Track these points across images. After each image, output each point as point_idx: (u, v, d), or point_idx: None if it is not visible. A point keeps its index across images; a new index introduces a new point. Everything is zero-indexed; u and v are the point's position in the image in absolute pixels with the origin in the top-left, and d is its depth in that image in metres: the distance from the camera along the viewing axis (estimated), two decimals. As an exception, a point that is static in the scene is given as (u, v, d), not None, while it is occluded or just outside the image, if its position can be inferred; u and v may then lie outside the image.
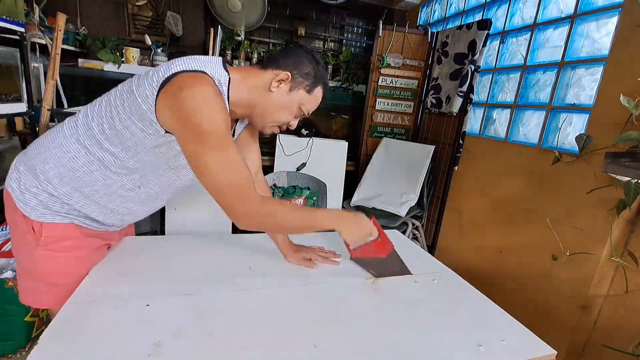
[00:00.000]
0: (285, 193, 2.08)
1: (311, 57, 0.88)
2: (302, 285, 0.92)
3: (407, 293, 0.93)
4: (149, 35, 2.61)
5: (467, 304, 0.91)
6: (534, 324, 1.62)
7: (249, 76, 0.85)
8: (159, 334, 0.67)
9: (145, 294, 0.80)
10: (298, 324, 0.75)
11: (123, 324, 0.70)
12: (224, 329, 0.71)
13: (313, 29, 3.11)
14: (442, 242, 2.39)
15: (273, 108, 0.87)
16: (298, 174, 2.30)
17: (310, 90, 0.88)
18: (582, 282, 1.41)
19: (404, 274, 1.01)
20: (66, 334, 0.65)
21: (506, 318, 0.86)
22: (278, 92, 0.85)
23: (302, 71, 0.86)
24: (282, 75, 0.84)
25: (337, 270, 1.02)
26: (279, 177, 2.24)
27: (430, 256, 1.20)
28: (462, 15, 2.40)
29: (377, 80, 2.64)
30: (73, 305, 0.74)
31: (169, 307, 0.76)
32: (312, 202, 2.08)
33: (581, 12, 1.54)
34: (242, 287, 0.87)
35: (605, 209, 1.32)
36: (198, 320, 0.73)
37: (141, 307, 0.75)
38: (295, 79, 0.86)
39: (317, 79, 0.88)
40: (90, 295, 0.78)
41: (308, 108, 0.91)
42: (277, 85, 0.84)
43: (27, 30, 1.81)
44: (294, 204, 0.78)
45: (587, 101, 1.52)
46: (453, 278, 1.04)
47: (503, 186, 1.88)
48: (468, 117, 2.13)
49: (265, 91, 0.85)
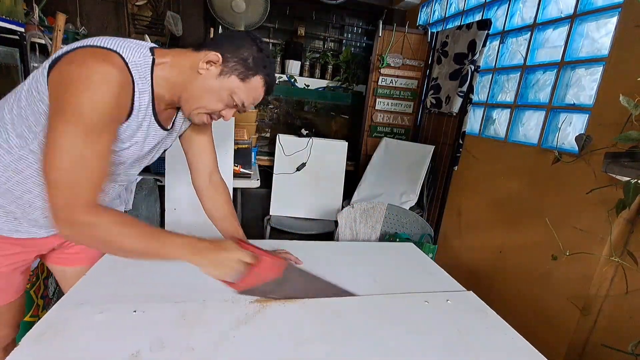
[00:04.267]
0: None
1: (254, 43, 0.78)
2: (298, 300, 0.84)
3: (416, 315, 0.82)
4: (148, 35, 2.61)
5: (485, 331, 0.79)
6: (533, 324, 1.63)
7: (179, 57, 0.77)
8: (139, 343, 0.65)
9: (134, 298, 0.78)
10: (288, 343, 0.70)
11: (105, 329, 0.67)
12: (207, 344, 0.67)
13: (313, 29, 3.11)
14: (442, 242, 2.38)
15: (199, 92, 0.78)
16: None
17: (244, 78, 0.78)
18: (581, 282, 1.41)
19: (337, 294, 0.87)
20: (48, 336, 0.64)
21: (529, 349, 0.74)
22: (206, 75, 0.76)
23: (237, 55, 0.76)
24: (211, 55, 0.74)
25: (335, 281, 0.91)
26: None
27: (445, 273, 1.09)
28: (462, 15, 2.40)
29: (377, 80, 2.64)
30: (60, 307, 0.73)
31: (155, 315, 0.73)
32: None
33: (581, 12, 1.53)
34: (233, 299, 0.82)
35: (605, 209, 1.32)
36: (182, 331, 0.70)
37: (127, 312, 0.73)
38: (227, 62, 0.76)
39: (256, 68, 0.78)
40: (79, 298, 0.76)
41: (242, 99, 0.80)
42: (206, 67, 0.75)
43: (27, 30, 1.81)
44: (144, 223, 0.69)
45: (587, 101, 1.51)
46: (470, 300, 0.92)
47: (503, 186, 1.87)
48: (468, 117, 2.12)
49: (193, 73, 0.76)
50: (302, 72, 3.00)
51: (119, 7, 2.67)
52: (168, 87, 0.77)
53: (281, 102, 2.98)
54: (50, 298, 1.55)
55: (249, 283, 0.78)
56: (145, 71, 0.72)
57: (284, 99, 2.97)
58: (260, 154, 2.63)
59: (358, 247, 1.35)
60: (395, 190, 2.33)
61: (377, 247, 1.33)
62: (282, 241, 1.20)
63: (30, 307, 1.42)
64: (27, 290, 1.41)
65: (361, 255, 1.19)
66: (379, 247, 1.33)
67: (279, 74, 2.94)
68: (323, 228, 2.43)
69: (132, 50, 0.70)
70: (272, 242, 1.19)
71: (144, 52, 0.72)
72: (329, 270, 1.02)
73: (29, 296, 1.42)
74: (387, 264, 1.14)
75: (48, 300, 1.53)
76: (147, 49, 0.74)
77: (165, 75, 0.76)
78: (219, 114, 0.83)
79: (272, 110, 2.99)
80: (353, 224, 1.86)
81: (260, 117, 2.87)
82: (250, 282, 0.79)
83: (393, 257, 1.21)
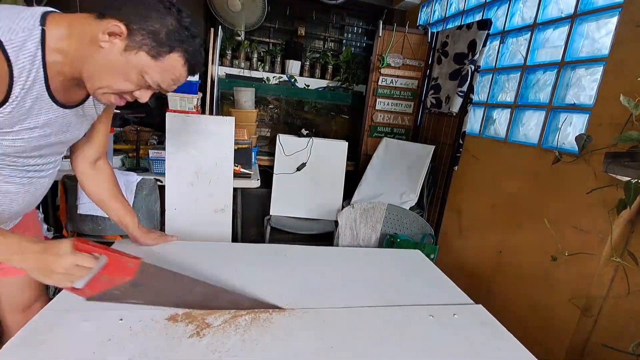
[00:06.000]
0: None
1: (168, 12, 0.66)
2: (289, 311, 0.80)
3: (419, 330, 0.77)
4: (149, 35, 2.60)
5: (495, 352, 0.73)
6: (534, 325, 1.63)
7: (78, 26, 0.66)
8: (120, 356, 0.62)
9: (122, 306, 0.75)
10: (283, 358, 0.67)
11: (87, 339, 0.65)
12: (193, 357, 0.64)
13: (313, 29, 3.11)
14: (442, 242, 2.38)
15: (101, 69, 0.66)
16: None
17: (156, 56, 0.66)
18: (582, 282, 1.41)
19: (211, 295, 0.80)
20: (31, 343, 0.63)
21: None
22: (110, 49, 0.64)
23: (147, 27, 0.64)
24: (112, 26, 0.63)
25: (329, 293, 0.87)
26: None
27: (452, 284, 1.03)
28: (462, 15, 2.40)
29: (377, 80, 2.64)
30: (47, 312, 0.71)
31: (142, 325, 0.70)
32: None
33: (581, 12, 1.53)
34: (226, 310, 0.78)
35: (605, 209, 1.32)
36: (166, 344, 0.66)
37: (113, 321, 0.70)
38: (134, 35, 0.64)
39: (172, 43, 0.67)
40: (67, 303, 0.74)
41: (156, 79, 0.69)
42: (108, 39, 0.64)
43: (27, 30, 1.81)
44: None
45: (587, 101, 1.51)
46: (479, 314, 0.87)
47: (503, 186, 1.87)
48: (468, 117, 2.12)
49: (94, 46, 0.65)
50: (302, 72, 3.00)
51: (119, 7, 2.67)
52: (68, 61, 0.66)
53: (281, 102, 2.98)
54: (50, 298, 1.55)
55: (96, 288, 0.72)
56: (30, 47, 0.61)
57: (284, 99, 2.97)
58: (260, 154, 2.63)
59: (361, 253, 1.27)
60: (395, 190, 2.33)
61: (382, 254, 1.26)
62: (281, 245, 1.18)
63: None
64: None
65: (364, 262, 1.14)
66: (384, 254, 1.26)
67: (279, 74, 2.94)
68: (323, 228, 2.43)
69: (13, 21, 0.60)
70: (272, 247, 1.16)
71: (30, 24, 0.61)
72: (329, 277, 1.00)
73: (29, 296, 1.41)
74: (391, 272, 1.09)
75: (47, 300, 1.53)
76: (36, 18, 0.62)
77: (62, 48, 0.65)
78: (131, 94, 0.72)
79: (272, 110, 2.99)
80: (353, 224, 1.85)
81: (260, 117, 2.87)
82: (97, 287, 0.72)
83: (398, 265, 1.15)
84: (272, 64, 2.97)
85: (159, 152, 1.85)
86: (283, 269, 1.02)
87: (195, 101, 1.95)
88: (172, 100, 1.92)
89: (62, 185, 1.65)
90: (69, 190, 1.65)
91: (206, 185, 1.74)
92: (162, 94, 0.74)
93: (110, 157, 1.82)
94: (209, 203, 1.77)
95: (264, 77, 2.91)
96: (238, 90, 2.35)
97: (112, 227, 1.70)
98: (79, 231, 1.71)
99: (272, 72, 2.95)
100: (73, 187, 1.62)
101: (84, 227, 1.69)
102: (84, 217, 1.66)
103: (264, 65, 2.95)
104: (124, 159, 1.94)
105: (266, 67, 2.96)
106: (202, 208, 1.81)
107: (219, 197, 1.77)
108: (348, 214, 1.84)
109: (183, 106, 1.93)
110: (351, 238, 1.85)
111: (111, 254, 0.73)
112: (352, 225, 1.85)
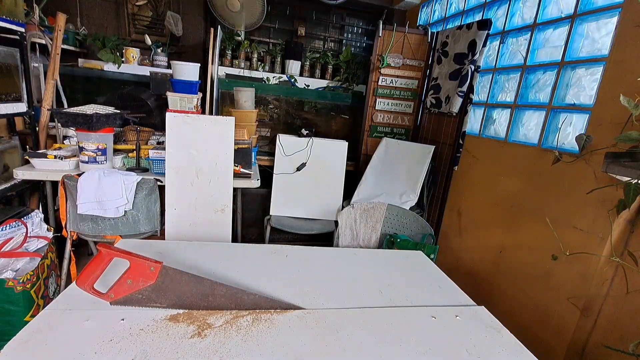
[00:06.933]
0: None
1: None
2: (295, 311, 0.80)
3: (421, 332, 0.77)
4: (149, 35, 2.61)
5: (497, 352, 0.73)
6: (533, 324, 1.63)
7: None
8: (121, 356, 0.62)
9: (122, 306, 0.75)
10: (286, 358, 0.66)
11: (89, 339, 0.65)
12: (194, 358, 0.63)
13: (313, 29, 3.11)
14: (442, 242, 2.38)
15: None
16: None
17: None
18: (582, 282, 1.41)
19: (233, 297, 0.81)
20: (32, 342, 0.63)
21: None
22: None
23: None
24: None
25: (331, 294, 0.86)
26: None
27: (455, 285, 1.03)
28: (462, 15, 2.40)
29: (377, 80, 2.64)
30: (49, 312, 0.71)
31: (143, 325, 0.71)
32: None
33: (581, 12, 1.54)
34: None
35: (605, 209, 1.32)
36: (167, 344, 0.66)
37: (115, 321, 0.70)
38: None
39: None
40: (69, 303, 0.74)
41: None
42: None
43: (27, 30, 1.81)
44: None
45: (587, 101, 1.51)
46: (481, 316, 0.86)
47: (503, 186, 1.88)
48: (468, 117, 2.12)
49: None
50: (302, 72, 3.00)
51: (119, 7, 2.67)
52: None
53: (281, 102, 2.98)
54: (50, 298, 1.55)
55: (120, 293, 0.75)
56: None
57: (284, 99, 2.97)
58: (260, 154, 2.63)
59: (363, 254, 1.26)
60: (395, 190, 2.33)
61: (383, 255, 1.26)
62: (282, 246, 1.18)
63: (30, 307, 1.42)
64: (28, 290, 1.41)
65: (366, 263, 1.15)
66: (385, 255, 1.26)
67: (279, 74, 2.94)
68: (323, 228, 2.43)
69: None
70: (272, 247, 1.16)
71: None
72: (331, 277, 1.00)
73: (29, 296, 1.42)
74: (392, 274, 1.09)
75: (48, 300, 1.53)
76: None
77: None
78: None
79: (272, 110, 2.99)
80: (353, 224, 1.85)
81: (260, 117, 2.87)
82: (121, 291, 0.75)
83: (399, 266, 1.16)
84: (272, 64, 2.97)
85: (159, 152, 1.85)
86: (283, 269, 1.02)
87: (195, 101, 1.95)
88: (172, 100, 1.92)
89: (62, 185, 1.65)
90: (69, 190, 1.65)
91: (206, 186, 1.74)
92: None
93: (110, 157, 1.82)
94: (208, 203, 1.77)
95: (264, 77, 2.92)
96: (238, 90, 2.35)
97: (112, 227, 1.70)
98: (78, 231, 1.71)
99: (272, 72, 2.95)
100: (73, 187, 1.62)
101: (83, 227, 1.69)
102: (84, 217, 1.65)
103: (264, 65, 2.96)
104: (124, 159, 1.94)
105: (266, 67, 2.96)
106: (202, 208, 1.81)
107: (219, 197, 1.77)
108: (348, 214, 1.84)
109: (183, 106, 1.93)
110: (351, 238, 1.85)
111: (133, 259, 0.76)
112: (352, 225, 1.85)
